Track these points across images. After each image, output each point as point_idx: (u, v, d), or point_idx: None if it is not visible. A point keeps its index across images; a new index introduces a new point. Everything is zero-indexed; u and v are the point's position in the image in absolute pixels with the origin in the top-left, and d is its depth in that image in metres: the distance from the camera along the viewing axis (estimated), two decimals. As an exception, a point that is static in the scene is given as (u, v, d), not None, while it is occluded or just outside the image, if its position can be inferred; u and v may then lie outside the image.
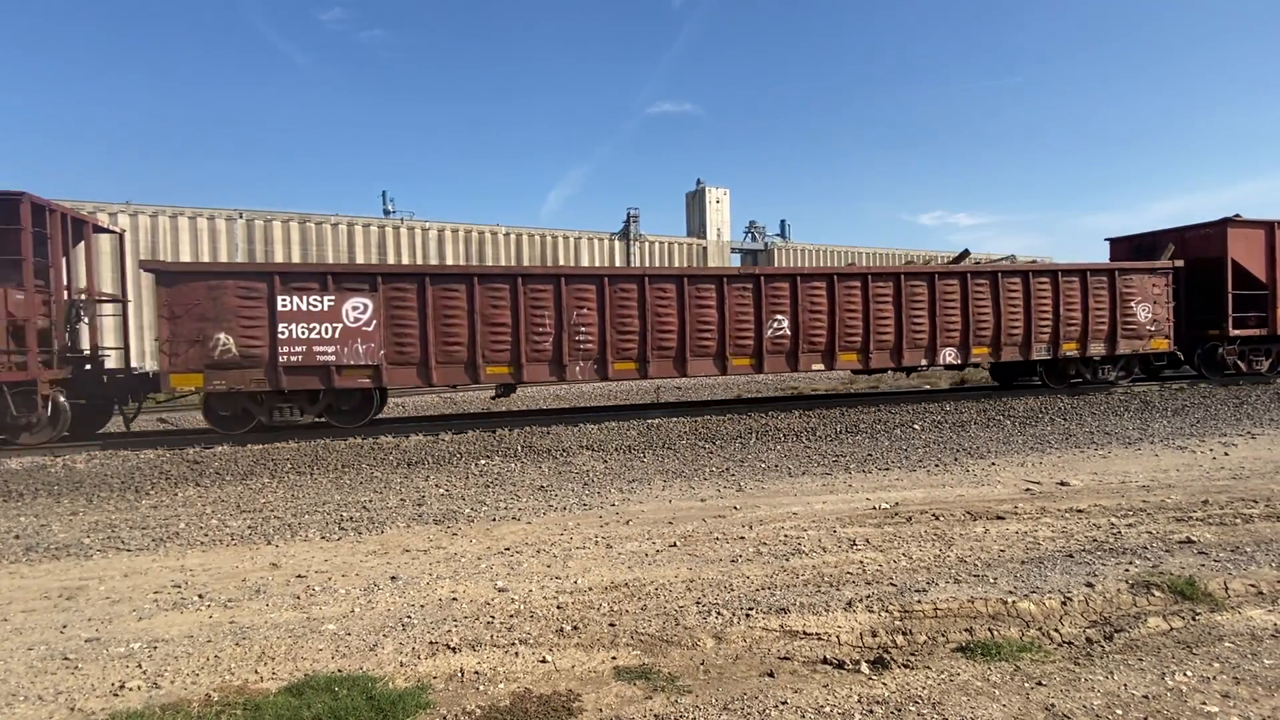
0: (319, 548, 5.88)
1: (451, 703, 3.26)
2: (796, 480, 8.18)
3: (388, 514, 6.96)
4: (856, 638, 3.86)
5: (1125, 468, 8.34)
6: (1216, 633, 3.86)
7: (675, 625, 4.02)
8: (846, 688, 3.34)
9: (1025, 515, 6.18)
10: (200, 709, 3.19)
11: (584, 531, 6.10)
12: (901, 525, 5.96)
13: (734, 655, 3.69)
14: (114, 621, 4.31)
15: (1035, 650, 3.68)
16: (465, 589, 4.71)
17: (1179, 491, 6.98)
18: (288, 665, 3.65)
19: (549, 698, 3.28)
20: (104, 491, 8.42)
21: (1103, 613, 4.12)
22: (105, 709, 3.24)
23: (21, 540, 6.35)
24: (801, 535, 5.72)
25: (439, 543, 5.90)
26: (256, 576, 5.11)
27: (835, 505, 6.83)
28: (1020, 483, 7.67)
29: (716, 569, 4.97)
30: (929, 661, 3.58)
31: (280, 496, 7.95)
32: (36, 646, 3.96)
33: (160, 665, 3.66)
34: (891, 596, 4.31)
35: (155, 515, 7.22)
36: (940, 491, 7.34)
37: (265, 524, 6.69)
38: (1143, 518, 6.02)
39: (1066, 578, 4.58)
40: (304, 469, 9.30)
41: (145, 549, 5.98)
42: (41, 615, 4.47)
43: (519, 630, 4.00)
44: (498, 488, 8.13)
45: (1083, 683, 3.36)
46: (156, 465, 9.53)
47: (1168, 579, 4.46)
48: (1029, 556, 5.05)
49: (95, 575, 5.28)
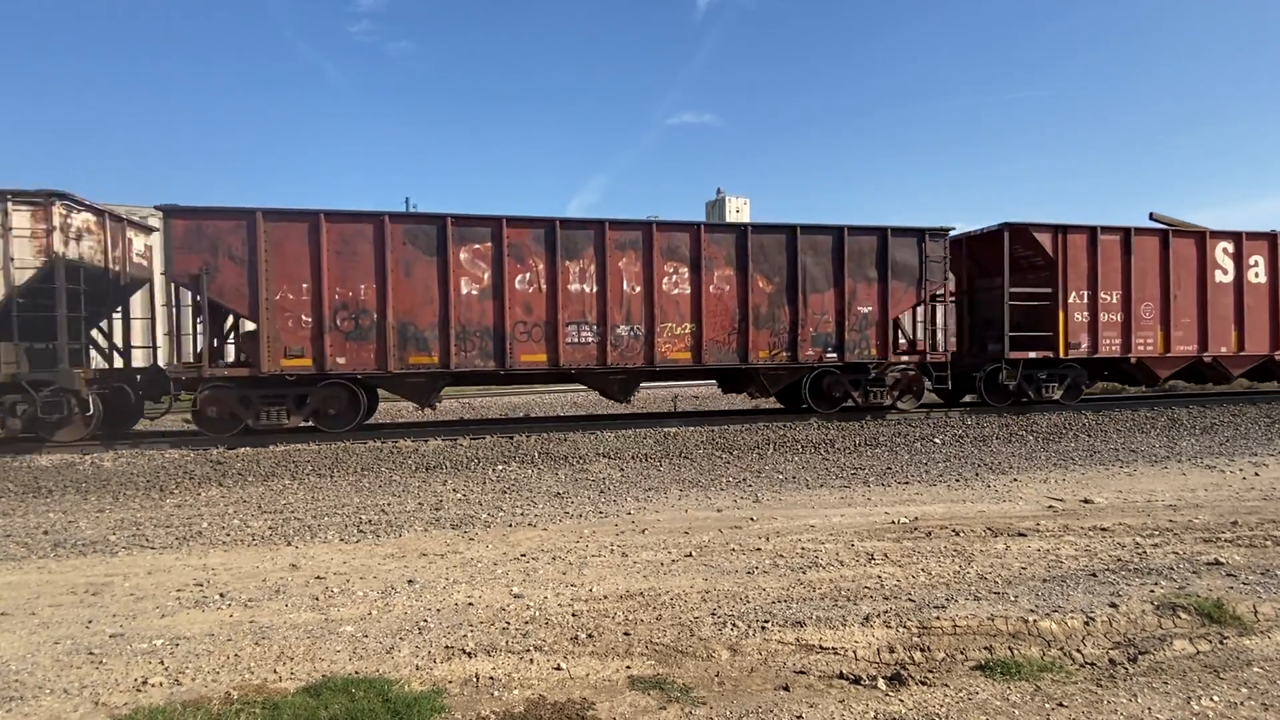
0: (338, 550, 5.94)
1: (466, 707, 3.27)
2: (814, 492, 8.12)
3: (405, 517, 7.02)
4: (874, 653, 3.82)
5: (1151, 486, 8.18)
6: (1245, 657, 3.77)
7: (690, 636, 4.01)
8: (863, 704, 3.30)
9: (1047, 533, 6.08)
10: (220, 707, 3.24)
11: (600, 539, 6.10)
12: (921, 540, 5.90)
13: (749, 668, 3.67)
14: (138, 618, 4.38)
15: (1057, 670, 3.62)
16: (481, 594, 4.73)
17: (1207, 511, 6.83)
18: (306, 665, 3.69)
19: (563, 705, 3.28)
20: (130, 490, 8.57)
21: (1127, 634, 4.04)
22: (128, 704, 3.29)
23: (50, 536, 6.48)
24: (819, 548, 5.68)
25: (456, 547, 5.94)
26: (276, 577, 5.17)
27: (853, 518, 6.77)
28: (1043, 499, 7.56)
29: (732, 580, 4.95)
30: (947, 679, 3.53)
31: (301, 498, 8.04)
32: (63, 641, 4.03)
33: (182, 662, 3.72)
34: (910, 612, 4.26)
35: (179, 514, 7.33)
36: (961, 507, 7.25)
37: (286, 525, 6.77)
38: (1169, 537, 5.90)
39: (1090, 597, 4.50)
40: (324, 471, 9.40)
41: (169, 547, 6.08)
42: (68, 610, 4.55)
43: (534, 637, 4.01)
44: (514, 493, 8.17)
45: (1105, 705, 3.29)
46: (181, 465, 9.68)
47: (1195, 601, 4.36)
48: (1051, 575, 4.97)
49: (120, 572, 5.37)
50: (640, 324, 12.04)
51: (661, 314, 12.10)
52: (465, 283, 11.34)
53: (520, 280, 11.55)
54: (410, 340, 11.18)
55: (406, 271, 11.13)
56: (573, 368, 11.93)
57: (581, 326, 11.81)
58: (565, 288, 11.67)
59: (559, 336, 11.64)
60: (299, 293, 10.77)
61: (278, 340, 10.72)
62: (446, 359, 11.28)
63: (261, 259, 10.56)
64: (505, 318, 11.45)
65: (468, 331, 11.39)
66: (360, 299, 10.97)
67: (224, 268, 10.52)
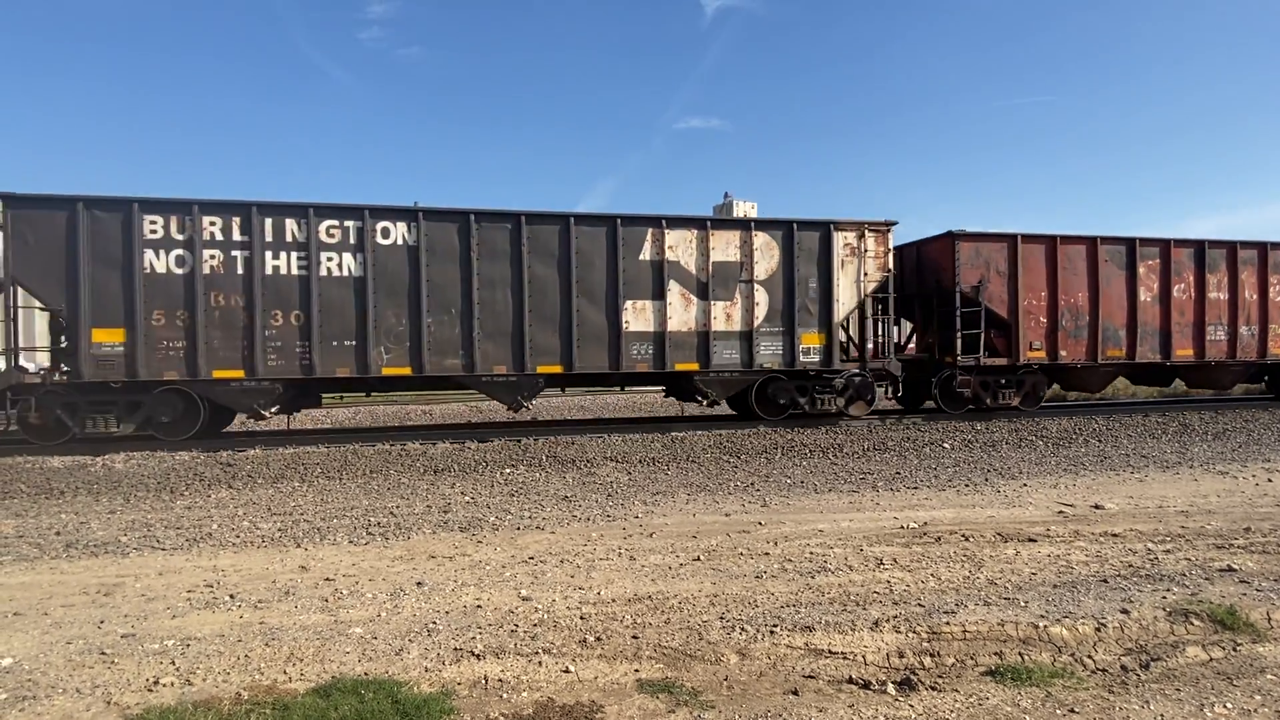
0: (347, 552, 5.96)
1: (475, 709, 3.27)
2: (823, 497, 8.10)
3: (414, 520, 7.04)
4: (883, 658, 3.80)
5: (1163, 492, 8.12)
6: (1258, 664, 3.74)
7: (699, 640, 4.00)
8: (873, 709, 3.29)
9: (1058, 538, 6.05)
10: (231, 707, 3.25)
11: (608, 543, 6.10)
12: (930, 545, 5.87)
13: (758, 672, 3.66)
14: (149, 619, 4.41)
15: (1067, 676, 3.59)
16: (490, 597, 4.74)
17: (1219, 518, 6.77)
18: (315, 667, 3.70)
19: (572, 708, 3.28)
20: (141, 491, 8.63)
21: (1139, 640, 4.01)
22: (140, 703, 3.31)
23: (62, 537, 6.53)
24: (827, 553, 5.67)
25: (464, 550, 5.95)
26: (286, 578, 5.20)
27: (862, 523, 6.74)
28: (1053, 505, 7.51)
29: (741, 584, 4.94)
30: (957, 684, 3.52)
31: (310, 500, 8.08)
32: (75, 641, 4.06)
33: (193, 663, 3.74)
34: (919, 617, 4.24)
35: (189, 516, 7.38)
36: (970, 512, 7.22)
37: (295, 527, 6.80)
38: (1181, 544, 5.86)
39: (1101, 603, 4.47)
40: (333, 474, 9.44)
41: (179, 548, 6.11)
42: (80, 610, 4.59)
43: (542, 639, 4.01)
44: (522, 497, 8.18)
45: (1117, 711, 3.27)
46: (191, 467, 9.74)
47: (1207, 607, 4.33)
48: (1061, 580, 4.94)
49: (131, 573, 5.41)
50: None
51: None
52: (1142, 291, 14.43)
53: (1178, 290, 14.67)
54: (1109, 338, 14.24)
55: (1106, 282, 14.20)
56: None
57: (1217, 327, 14.98)
58: (1207, 296, 14.78)
59: (1204, 336, 14.79)
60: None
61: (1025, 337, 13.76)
62: (1132, 353, 14.36)
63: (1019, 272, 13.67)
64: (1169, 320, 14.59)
65: (1144, 331, 14.42)
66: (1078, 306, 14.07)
67: (993, 280, 13.61)
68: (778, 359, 12.77)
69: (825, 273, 12.88)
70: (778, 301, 12.75)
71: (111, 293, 10.51)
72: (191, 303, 10.70)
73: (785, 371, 12.80)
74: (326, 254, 11.15)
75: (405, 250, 11.38)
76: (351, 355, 11.23)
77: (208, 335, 10.78)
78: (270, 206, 11.02)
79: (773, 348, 12.76)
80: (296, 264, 11.05)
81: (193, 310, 10.71)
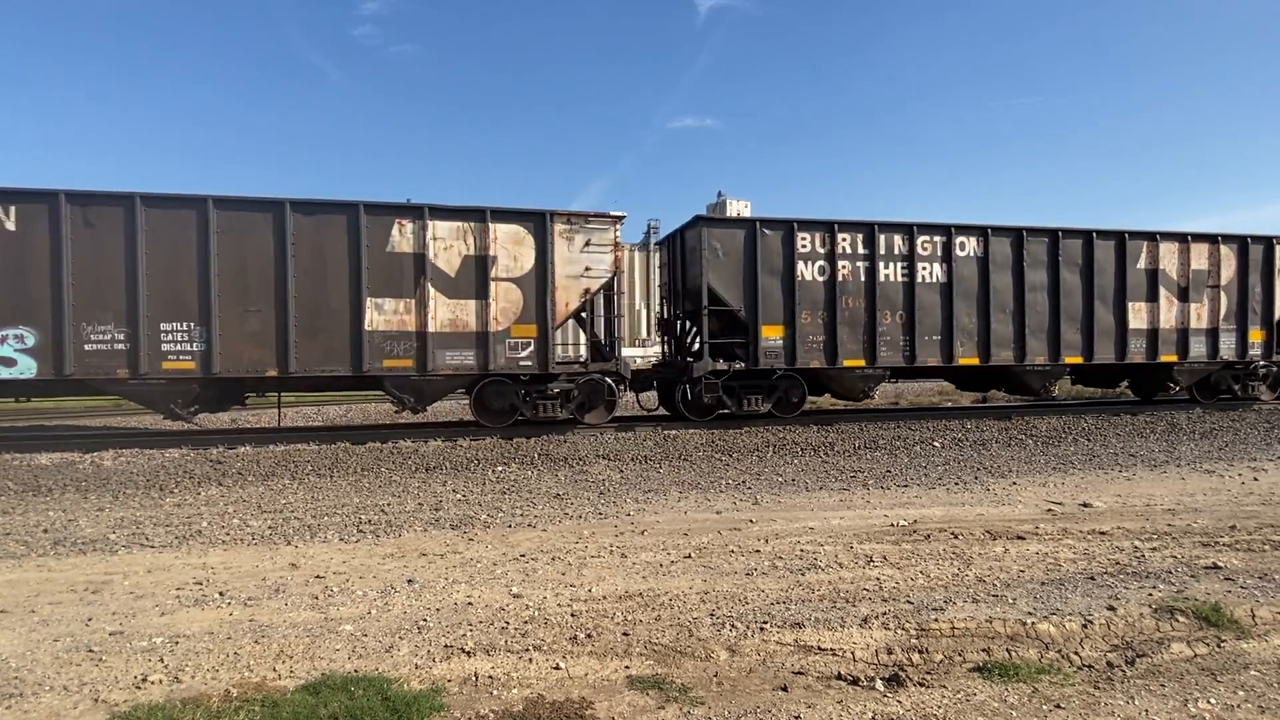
0: (337, 549, 5.95)
1: (466, 706, 3.28)
2: (813, 495, 8.13)
3: (405, 518, 7.02)
4: (872, 654, 3.83)
5: (1150, 490, 8.19)
6: (1242, 661, 3.78)
7: (689, 636, 4.01)
8: (861, 704, 3.31)
9: (1046, 536, 6.09)
10: (219, 704, 3.24)
11: (599, 540, 6.11)
12: (919, 543, 5.91)
13: (747, 668, 3.68)
14: (137, 616, 4.39)
15: (1054, 672, 3.62)
16: (480, 594, 4.74)
17: (1206, 516, 6.84)
18: (305, 664, 3.69)
19: (562, 704, 3.29)
20: (129, 489, 8.58)
21: (1124, 637, 4.05)
22: (128, 701, 3.30)
23: (50, 534, 6.49)
24: (818, 550, 5.69)
25: (455, 547, 5.95)
26: (276, 576, 5.18)
27: (852, 521, 6.78)
28: (1042, 503, 7.56)
29: (731, 581, 4.95)
30: (945, 681, 3.54)
31: (300, 498, 8.05)
32: (62, 638, 4.04)
33: (181, 660, 3.72)
34: (908, 614, 4.27)
35: (179, 513, 7.34)
36: (960, 510, 7.26)
37: (285, 524, 6.77)
38: (1168, 541, 5.91)
39: (1087, 600, 4.51)
40: (324, 471, 9.41)
41: (169, 546, 6.08)
42: (68, 608, 4.56)
43: (533, 636, 4.02)
44: (514, 494, 8.17)
45: (1102, 707, 3.30)
46: (180, 464, 9.69)
47: (1192, 604, 4.37)
48: (1049, 578, 4.98)
49: (120, 570, 5.38)
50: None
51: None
52: None
53: None
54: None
55: None
56: None
57: None
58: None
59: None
60: None
61: None
62: None
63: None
64: None
65: None
66: None
67: None
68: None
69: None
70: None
71: (774, 297, 12.86)
72: (831, 304, 13.11)
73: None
74: (922, 264, 13.60)
75: (975, 261, 13.90)
76: (938, 348, 13.70)
77: (840, 332, 13.10)
78: (887, 226, 13.43)
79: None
80: (901, 272, 13.51)
81: (831, 311, 13.11)
